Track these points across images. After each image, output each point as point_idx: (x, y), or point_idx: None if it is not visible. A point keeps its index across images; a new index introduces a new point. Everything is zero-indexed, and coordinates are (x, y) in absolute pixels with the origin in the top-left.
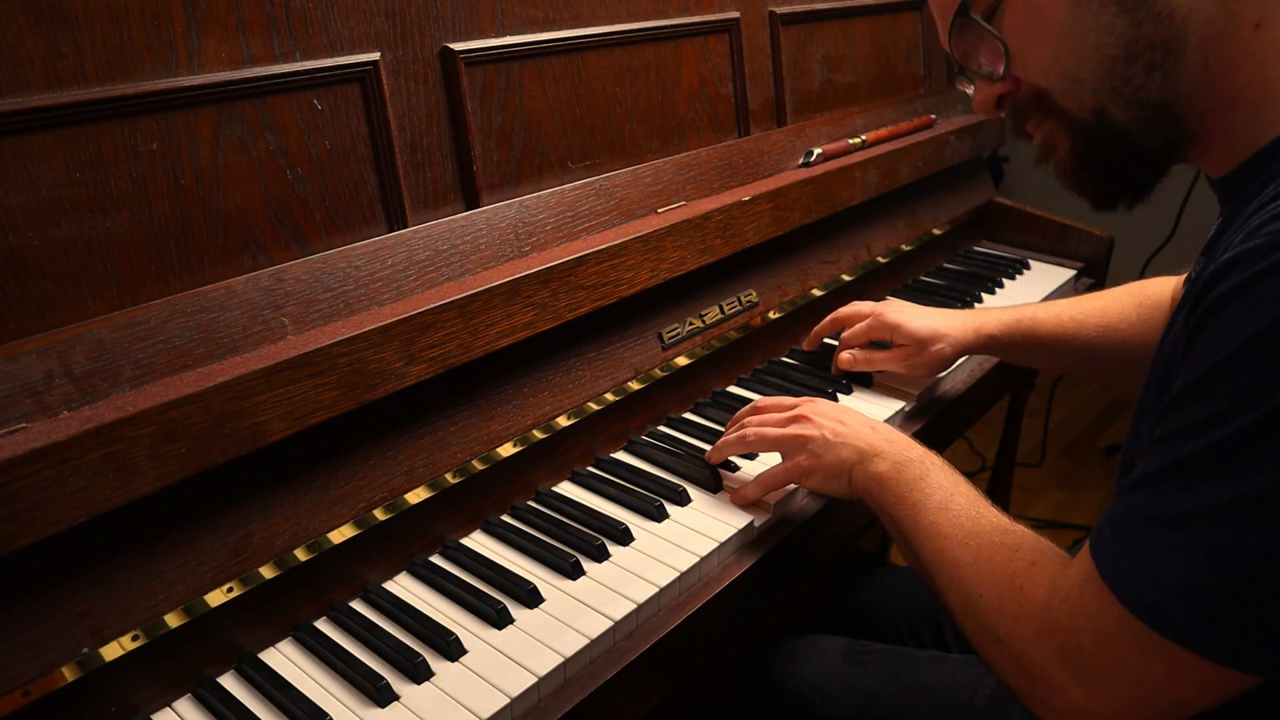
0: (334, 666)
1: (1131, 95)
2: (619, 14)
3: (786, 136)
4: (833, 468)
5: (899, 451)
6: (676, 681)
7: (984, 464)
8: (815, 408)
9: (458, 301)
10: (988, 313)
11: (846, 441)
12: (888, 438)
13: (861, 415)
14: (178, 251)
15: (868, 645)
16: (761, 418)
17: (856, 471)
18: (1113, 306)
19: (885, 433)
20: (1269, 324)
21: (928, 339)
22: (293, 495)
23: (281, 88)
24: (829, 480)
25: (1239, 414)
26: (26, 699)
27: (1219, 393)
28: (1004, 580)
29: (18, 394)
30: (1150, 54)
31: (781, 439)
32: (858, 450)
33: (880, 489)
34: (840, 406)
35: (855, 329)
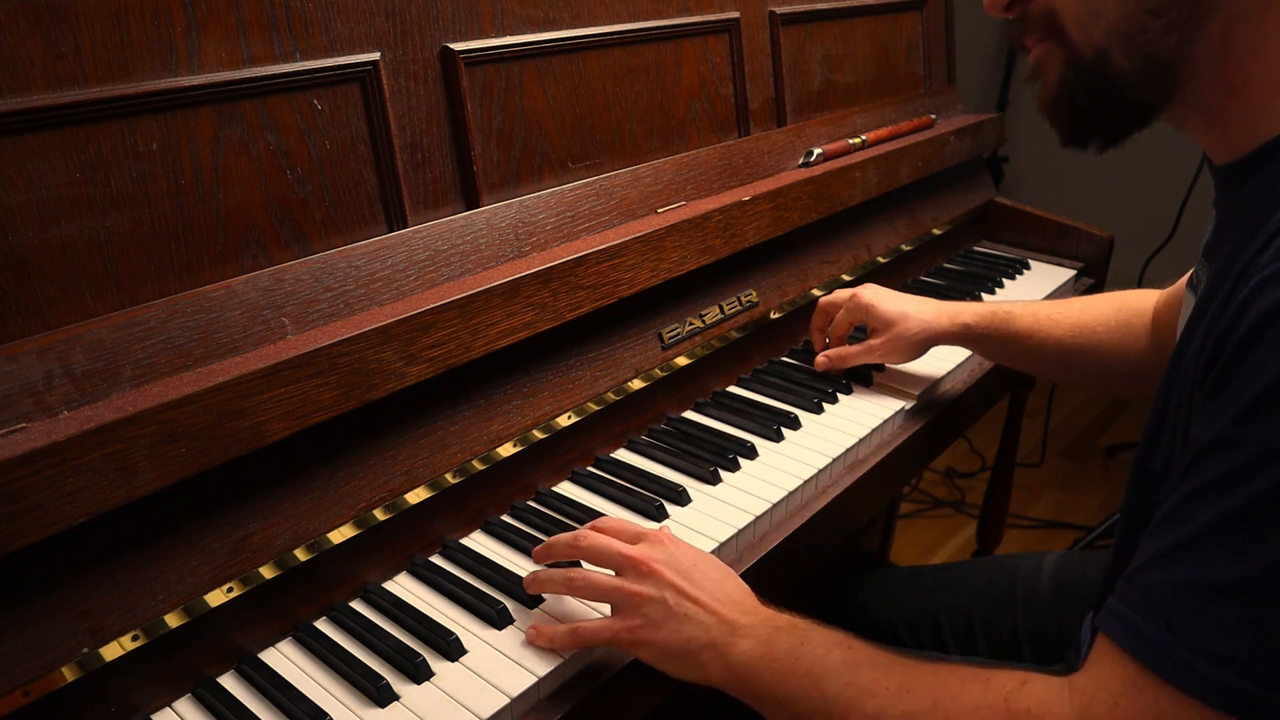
0: (334, 666)
1: (1141, 47)
2: (619, 14)
3: (786, 136)
4: (673, 645)
5: (761, 623)
6: (676, 681)
7: (984, 464)
8: (664, 554)
9: (458, 301)
10: (963, 304)
11: (694, 617)
12: (745, 608)
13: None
14: (178, 251)
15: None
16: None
17: (709, 656)
18: (1091, 309)
19: (741, 600)
20: None
21: (896, 319)
22: (293, 495)
23: (281, 88)
24: (666, 658)
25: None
26: (26, 699)
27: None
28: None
29: (18, 394)
30: (1175, 12)
31: (612, 591)
32: (707, 628)
33: (752, 673)
34: (692, 553)
35: (836, 321)
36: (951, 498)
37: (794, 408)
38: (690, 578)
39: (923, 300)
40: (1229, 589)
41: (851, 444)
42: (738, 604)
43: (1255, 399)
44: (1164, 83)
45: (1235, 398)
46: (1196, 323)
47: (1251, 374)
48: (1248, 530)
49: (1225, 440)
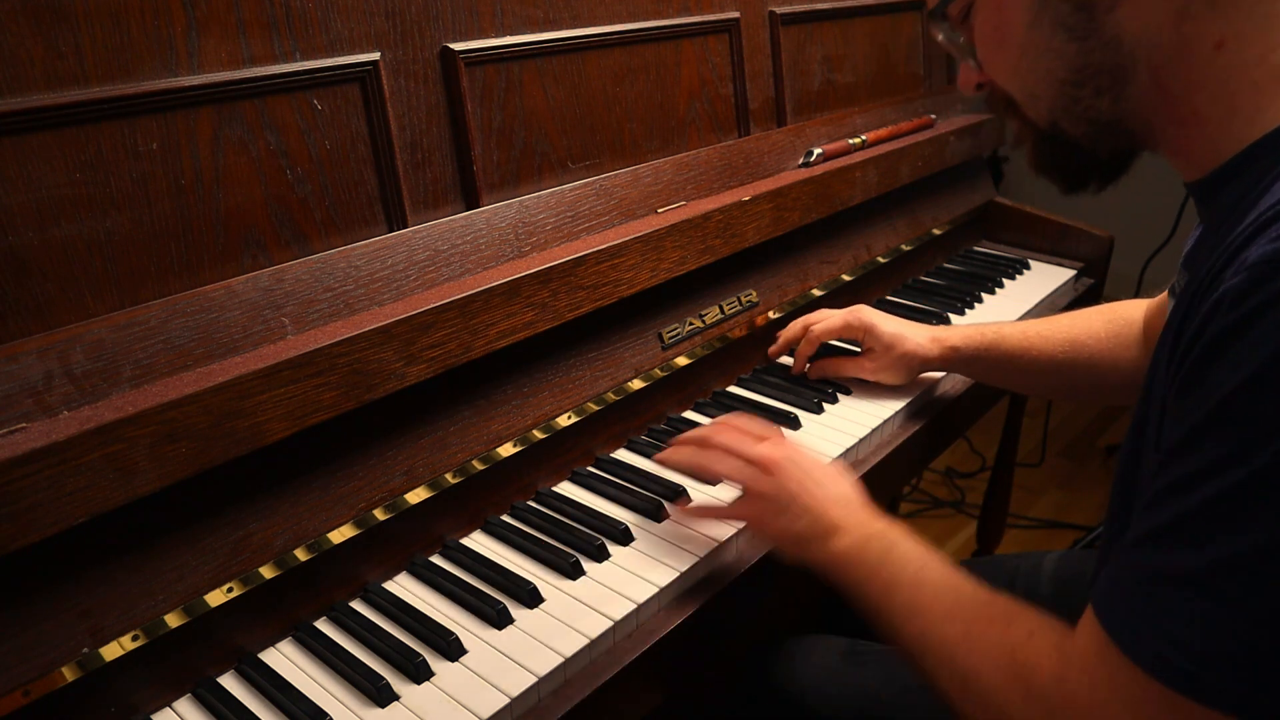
0: (334, 666)
1: (1082, 115)
2: (619, 14)
3: (786, 136)
4: (786, 534)
5: (861, 526)
6: (676, 682)
7: (984, 464)
8: (788, 454)
9: (458, 301)
10: (953, 328)
11: (808, 512)
12: (850, 510)
13: (831, 475)
14: (178, 251)
15: (867, 645)
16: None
17: (814, 548)
18: (1080, 322)
19: (848, 504)
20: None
21: (894, 343)
22: (293, 495)
23: (281, 88)
24: (779, 541)
25: (1248, 456)
26: (26, 699)
27: (1224, 436)
28: (1004, 656)
29: (18, 394)
30: (1098, 79)
31: (744, 474)
32: (816, 523)
33: (845, 567)
34: (813, 463)
35: (830, 319)
36: (951, 498)
37: (794, 408)
38: (809, 476)
39: (915, 325)
40: (1182, 579)
41: (852, 444)
42: (844, 504)
43: (1215, 407)
44: (1117, 136)
45: (1198, 405)
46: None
47: (1213, 385)
48: (1200, 528)
49: (1190, 443)
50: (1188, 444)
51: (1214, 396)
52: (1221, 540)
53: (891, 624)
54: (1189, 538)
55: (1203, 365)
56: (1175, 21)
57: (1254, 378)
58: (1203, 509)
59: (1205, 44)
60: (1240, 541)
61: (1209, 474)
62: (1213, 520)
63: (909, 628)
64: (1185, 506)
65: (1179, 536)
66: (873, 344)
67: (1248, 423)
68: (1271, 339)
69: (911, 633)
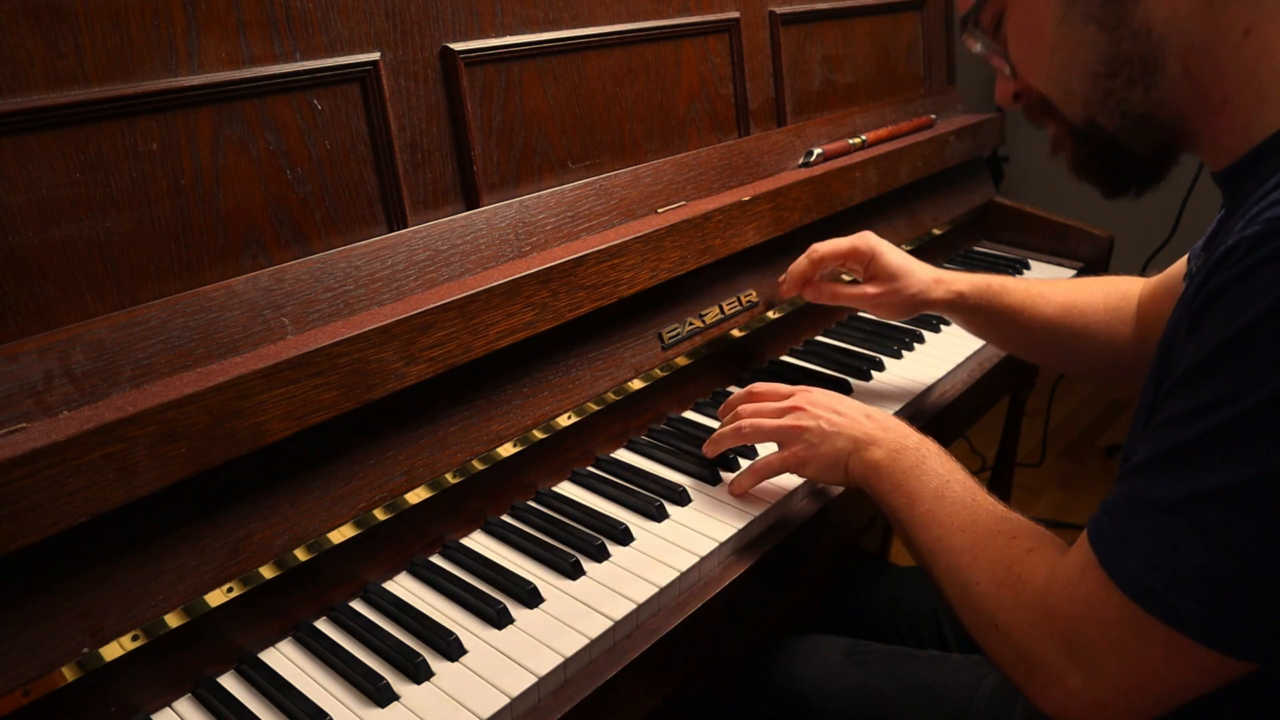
0: (334, 666)
1: (1115, 107)
2: (619, 14)
3: (786, 136)
4: (828, 457)
5: (895, 439)
6: (677, 682)
7: (984, 464)
8: (810, 397)
9: (458, 301)
10: (958, 273)
11: (842, 431)
12: (884, 425)
13: (858, 404)
14: (178, 251)
15: (868, 645)
16: (756, 407)
17: (853, 460)
18: (1081, 290)
19: (881, 420)
20: (1269, 307)
21: (899, 273)
22: (293, 495)
23: (281, 88)
24: (824, 470)
25: (1238, 398)
26: (26, 699)
27: (1219, 377)
28: (1001, 568)
29: (18, 394)
30: (1130, 68)
31: (777, 430)
32: (853, 439)
33: (876, 477)
34: (836, 395)
35: (836, 242)
36: None
37: None
38: (836, 409)
39: (921, 263)
40: (1166, 506)
41: None
42: (877, 421)
43: (1212, 350)
44: (1152, 130)
45: (1200, 346)
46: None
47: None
48: (1188, 460)
49: (1187, 382)
50: (1186, 382)
51: (1215, 338)
52: (1206, 473)
53: (909, 532)
54: (1177, 469)
55: (1208, 308)
56: (1204, 9)
57: (1253, 322)
58: (1193, 443)
59: (1234, 30)
60: (1224, 475)
61: (1202, 411)
62: (1201, 454)
63: (924, 536)
64: (1177, 439)
65: (1168, 467)
66: (876, 272)
67: (1242, 364)
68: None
69: (926, 541)
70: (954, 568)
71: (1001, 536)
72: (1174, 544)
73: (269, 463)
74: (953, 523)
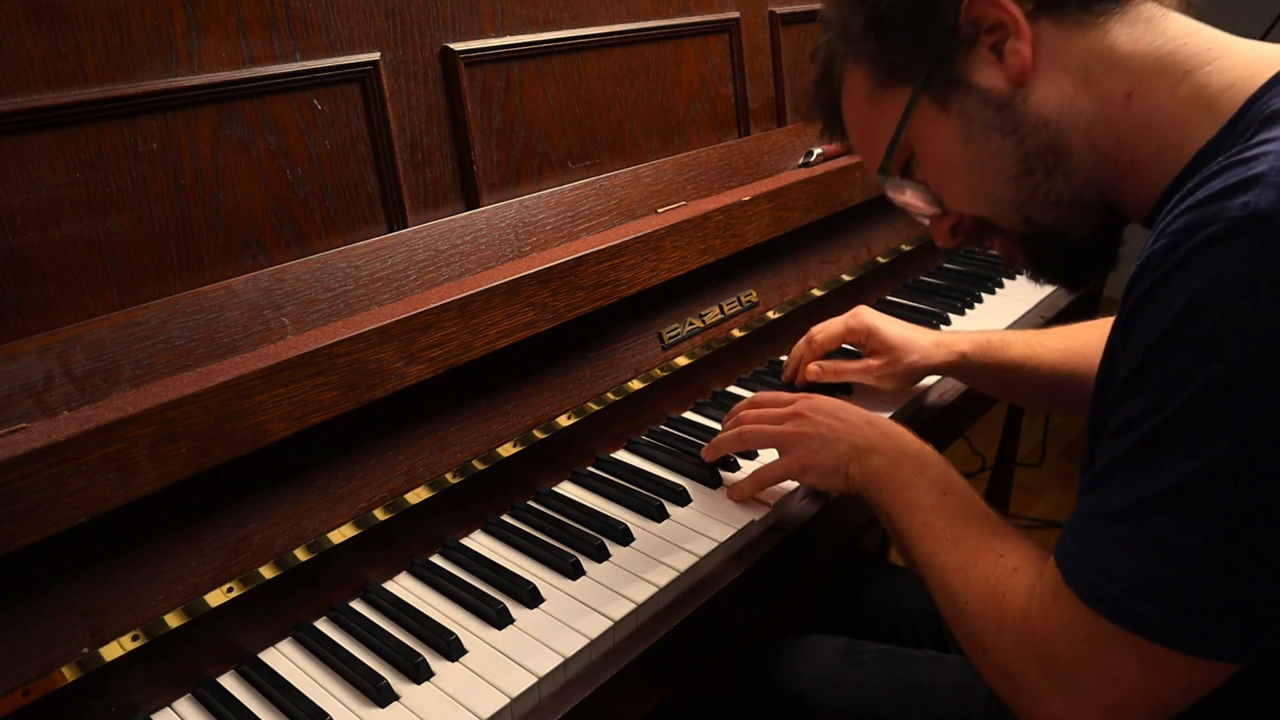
0: (334, 666)
1: (1044, 199)
2: (619, 14)
3: (786, 136)
4: (829, 464)
5: (895, 447)
6: (676, 682)
7: (984, 464)
8: (812, 404)
9: (458, 301)
10: (960, 332)
11: (843, 437)
12: (884, 432)
13: (859, 410)
14: (178, 251)
15: (866, 645)
16: (758, 413)
17: (853, 467)
18: (1080, 334)
19: (882, 427)
20: (1182, 310)
21: (900, 348)
22: (293, 495)
23: (281, 88)
24: (825, 476)
25: (1165, 404)
26: (26, 699)
27: (1147, 385)
28: (988, 587)
29: (18, 394)
30: (1043, 161)
31: (778, 435)
32: (853, 446)
33: (876, 485)
34: (838, 402)
35: (831, 325)
36: None
37: None
38: (836, 414)
39: (920, 329)
40: (1116, 514)
41: None
42: (878, 427)
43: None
44: (1087, 210)
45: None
46: None
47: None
48: (1135, 467)
49: (1122, 394)
50: (1122, 394)
51: (1140, 348)
52: (1148, 478)
53: (906, 544)
54: (1122, 479)
55: (1133, 321)
56: (1083, 90)
57: (1170, 326)
58: (1132, 452)
59: (1117, 99)
60: (1163, 478)
61: (1138, 420)
62: (1140, 461)
63: (919, 549)
64: (1118, 451)
65: (1114, 477)
66: (876, 347)
67: (1167, 368)
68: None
69: (921, 554)
70: (945, 584)
71: (990, 554)
72: (1127, 551)
73: (269, 463)
74: (946, 537)
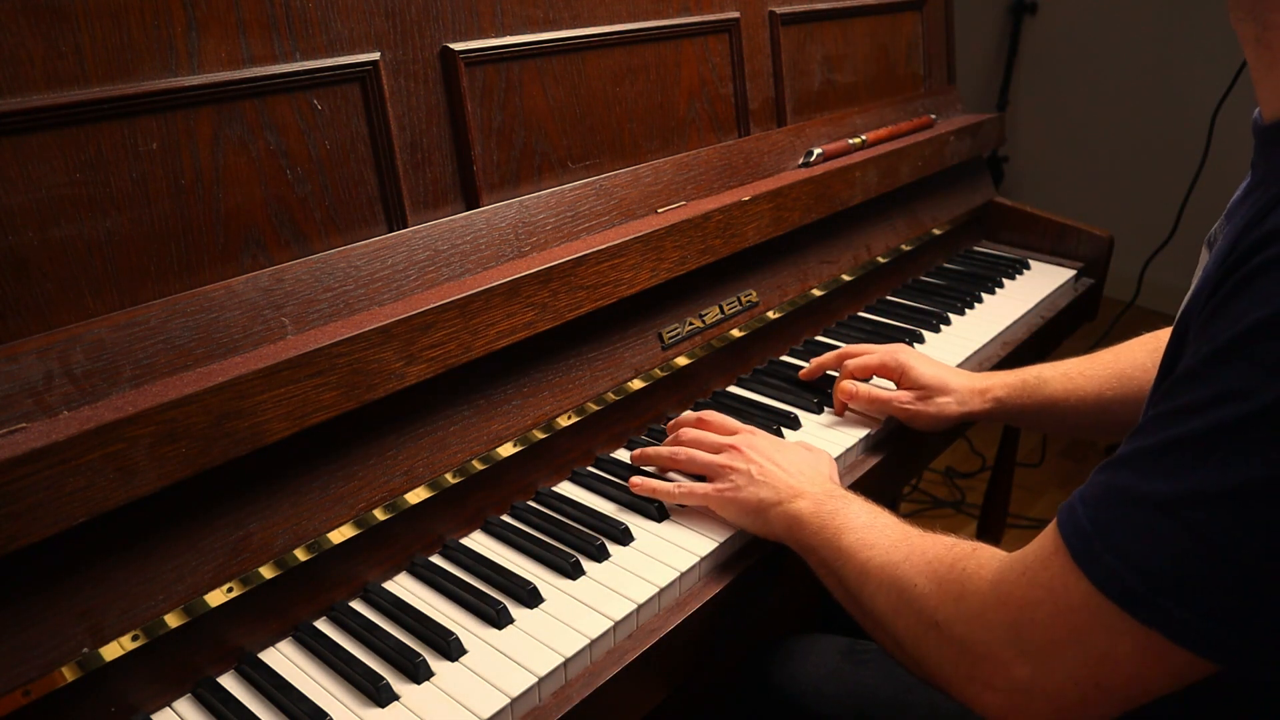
0: (334, 666)
1: None
2: (619, 14)
3: (786, 136)
4: (748, 504)
5: (821, 492)
6: (676, 681)
7: (984, 464)
8: (753, 440)
9: (458, 301)
10: (994, 375)
11: (769, 482)
12: (815, 480)
13: (799, 455)
14: (178, 251)
15: (866, 644)
16: (697, 435)
17: (774, 513)
18: (1124, 355)
19: (813, 476)
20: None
21: (935, 388)
22: (293, 495)
23: (281, 88)
24: (743, 515)
25: (1251, 394)
26: (26, 699)
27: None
28: (943, 566)
29: (18, 394)
30: None
31: (708, 465)
32: (778, 492)
33: (799, 525)
34: (778, 443)
35: (865, 358)
36: (951, 498)
37: (793, 408)
38: (772, 459)
39: (956, 371)
40: (1154, 502)
41: (852, 443)
42: (809, 478)
43: (1228, 341)
44: None
45: (1213, 336)
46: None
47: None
48: (1185, 456)
49: (1195, 374)
50: (1195, 373)
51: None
52: (1205, 472)
53: (835, 567)
54: (1172, 464)
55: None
56: None
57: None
58: (1193, 438)
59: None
60: (1222, 476)
61: (1209, 404)
62: (1202, 451)
63: (852, 564)
64: (1176, 433)
65: (1162, 462)
66: (910, 385)
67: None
68: None
69: (854, 568)
70: (889, 578)
71: (940, 545)
72: (1160, 544)
73: (269, 463)
74: (885, 541)
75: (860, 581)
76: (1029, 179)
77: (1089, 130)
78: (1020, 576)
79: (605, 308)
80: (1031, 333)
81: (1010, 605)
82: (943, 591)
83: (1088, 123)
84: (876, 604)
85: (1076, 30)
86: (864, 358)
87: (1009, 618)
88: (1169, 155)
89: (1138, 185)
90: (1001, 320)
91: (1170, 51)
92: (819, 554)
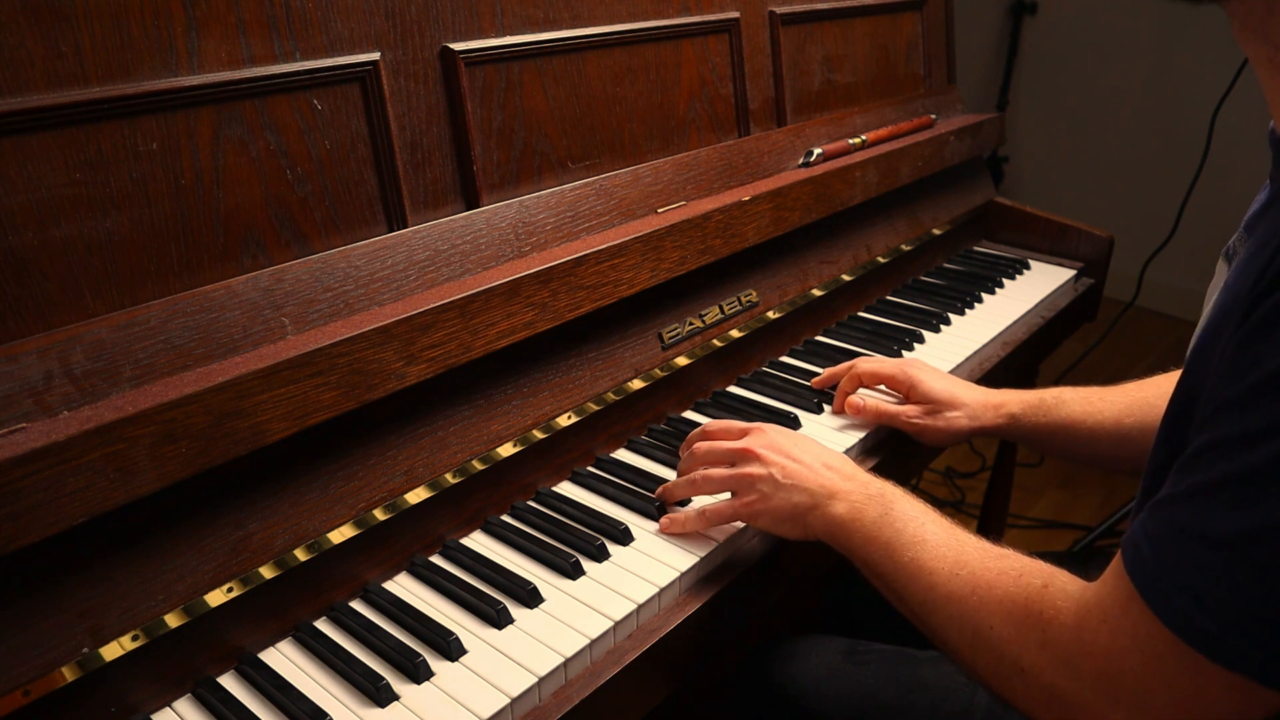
0: (334, 666)
1: None
2: (619, 14)
3: (786, 136)
4: (783, 511)
5: (856, 489)
6: (676, 682)
7: (984, 464)
8: (766, 439)
9: (458, 301)
10: (1010, 391)
11: (798, 483)
12: (844, 474)
13: (814, 446)
14: (178, 251)
15: (867, 645)
16: (709, 446)
17: (812, 517)
18: (1150, 385)
19: (840, 468)
20: None
21: (945, 403)
22: (293, 495)
23: (281, 88)
24: (779, 523)
25: None
26: (26, 699)
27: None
28: (1017, 607)
29: (18, 394)
30: None
31: (728, 480)
32: (811, 494)
33: (844, 533)
34: (792, 436)
35: (879, 366)
36: (951, 498)
37: (793, 408)
38: (791, 455)
39: (968, 385)
40: (1219, 540)
41: (852, 444)
42: (836, 470)
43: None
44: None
45: (1259, 363)
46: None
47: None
48: (1247, 491)
49: (1246, 402)
50: (1243, 402)
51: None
52: (1267, 506)
53: (892, 585)
54: (1232, 499)
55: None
56: None
57: None
58: (1252, 472)
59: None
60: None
61: (1262, 437)
62: (1261, 485)
63: (914, 586)
64: (1232, 467)
65: (1221, 497)
66: (919, 399)
67: None
68: None
69: (916, 592)
70: (958, 615)
71: (1006, 575)
72: (1226, 582)
73: (269, 463)
74: (942, 567)
75: (926, 610)
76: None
77: (1089, 130)
78: (1102, 625)
79: (605, 308)
80: (1031, 333)
81: (1097, 655)
82: (1023, 637)
83: (1088, 123)
84: (949, 636)
85: (1076, 30)
86: (876, 368)
87: (1097, 667)
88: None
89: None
90: (1002, 320)
91: (1170, 51)
92: (870, 567)
